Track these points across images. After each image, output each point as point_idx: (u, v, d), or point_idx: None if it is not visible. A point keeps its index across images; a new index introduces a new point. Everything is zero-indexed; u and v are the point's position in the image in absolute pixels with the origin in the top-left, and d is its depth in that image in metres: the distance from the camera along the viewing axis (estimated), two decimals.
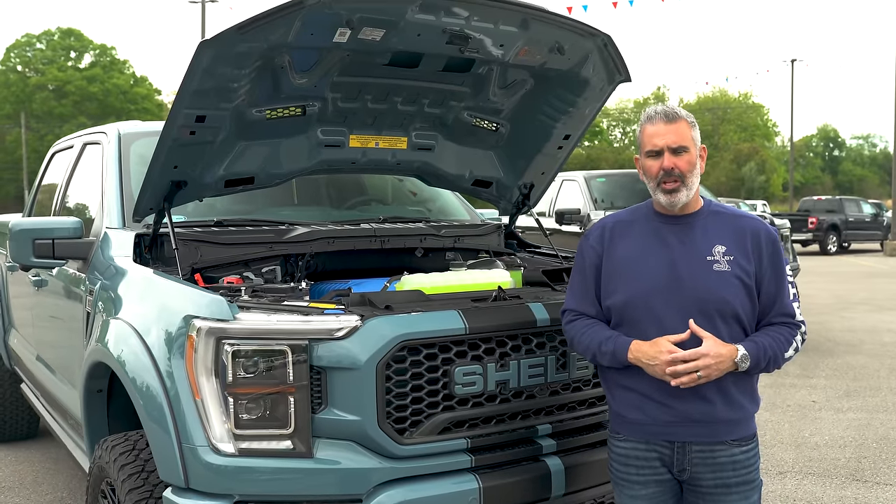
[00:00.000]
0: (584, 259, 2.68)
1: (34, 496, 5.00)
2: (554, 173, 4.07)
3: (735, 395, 2.51)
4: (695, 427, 2.50)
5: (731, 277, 2.48)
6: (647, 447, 2.55)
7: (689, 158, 2.52)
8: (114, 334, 3.00)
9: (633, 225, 2.64)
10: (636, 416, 2.56)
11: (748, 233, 2.55)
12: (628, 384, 2.56)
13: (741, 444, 2.54)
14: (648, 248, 2.56)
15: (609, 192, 10.93)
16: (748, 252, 2.53)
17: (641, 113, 2.63)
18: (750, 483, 2.55)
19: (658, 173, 2.52)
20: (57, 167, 5.23)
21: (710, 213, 2.61)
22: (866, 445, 5.83)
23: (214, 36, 2.76)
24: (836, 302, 13.95)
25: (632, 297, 2.52)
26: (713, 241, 2.53)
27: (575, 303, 2.67)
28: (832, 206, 29.07)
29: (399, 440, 2.57)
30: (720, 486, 2.52)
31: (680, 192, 2.52)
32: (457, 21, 3.01)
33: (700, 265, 2.50)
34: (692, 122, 2.56)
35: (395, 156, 3.79)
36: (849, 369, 8.45)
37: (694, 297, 2.45)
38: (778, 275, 2.55)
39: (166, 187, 3.24)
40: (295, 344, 2.51)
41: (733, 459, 2.52)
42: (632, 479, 2.59)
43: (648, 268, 2.53)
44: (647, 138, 2.55)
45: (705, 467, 2.51)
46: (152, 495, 2.71)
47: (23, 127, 51.11)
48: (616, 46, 3.34)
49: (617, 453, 2.63)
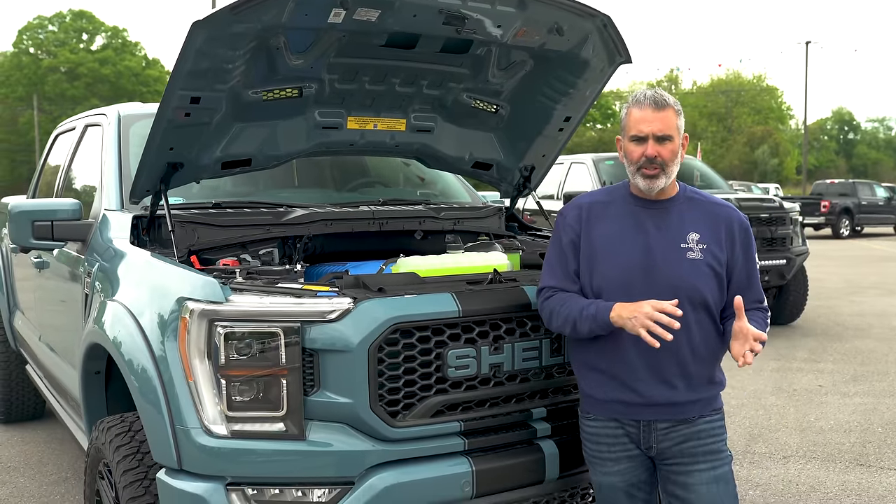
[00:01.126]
0: (560, 237, 2.69)
1: (39, 476, 5.04)
2: (555, 155, 4.04)
3: (697, 380, 2.58)
4: (658, 409, 2.57)
5: (703, 266, 2.54)
6: (616, 425, 2.62)
7: (673, 147, 2.55)
8: (110, 316, 3.00)
9: (610, 206, 2.66)
10: (601, 396, 2.61)
11: (722, 221, 2.61)
12: (596, 365, 2.61)
13: (704, 415, 2.60)
14: (625, 232, 2.59)
15: (617, 175, 10.88)
16: (721, 241, 2.58)
17: (629, 96, 2.62)
18: (716, 453, 2.60)
19: (640, 159, 2.55)
20: (60, 149, 5.24)
21: (686, 199, 2.65)
22: (872, 430, 5.80)
23: (207, 16, 2.74)
24: (846, 286, 13.87)
25: (608, 279, 2.56)
26: (688, 229, 2.57)
27: (554, 280, 2.68)
28: (845, 190, 28.84)
29: (391, 423, 2.57)
30: (686, 456, 2.58)
31: (659, 179, 2.55)
32: (453, 1, 2.97)
33: (674, 252, 2.54)
34: (679, 110, 2.58)
35: (394, 138, 3.77)
36: (857, 353, 8.40)
37: (666, 284, 2.50)
38: (749, 263, 2.63)
39: (162, 169, 3.23)
40: (287, 326, 2.50)
41: (697, 429, 2.58)
42: (604, 457, 2.65)
43: (625, 251, 2.57)
44: (634, 123, 2.56)
45: (669, 441, 2.58)
46: (147, 476, 2.73)
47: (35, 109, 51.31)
48: (616, 27, 3.30)
49: (588, 432, 2.69)
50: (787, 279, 9.36)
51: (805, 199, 27.52)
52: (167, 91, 2.96)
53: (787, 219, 9.48)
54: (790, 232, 9.44)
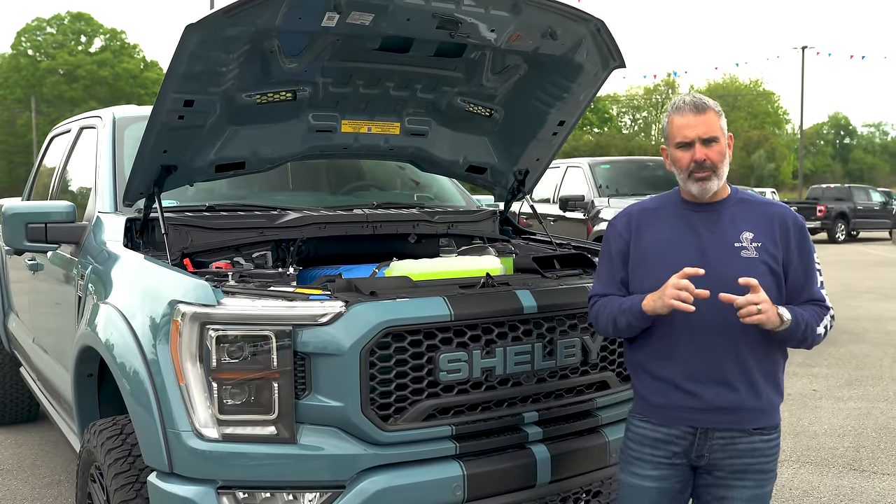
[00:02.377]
0: (610, 246, 2.68)
1: (32, 479, 5.04)
2: (549, 160, 4.05)
3: (760, 383, 2.51)
4: (719, 414, 2.49)
5: (759, 264, 2.49)
6: (667, 431, 2.55)
7: (720, 148, 2.52)
8: (102, 319, 3.00)
9: (659, 212, 2.64)
10: (660, 401, 2.55)
11: (776, 219, 2.56)
12: (654, 371, 2.56)
13: (763, 433, 2.53)
14: (677, 236, 2.56)
15: (613, 179, 10.88)
16: (776, 238, 2.53)
17: (668, 104, 2.62)
18: (766, 473, 2.55)
19: (689, 164, 2.52)
20: (55, 151, 5.24)
21: (738, 201, 2.61)
22: (865, 435, 5.81)
23: (201, 19, 2.74)
24: (841, 290, 13.88)
25: (662, 283, 2.46)
26: (741, 228, 2.53)
27: (600, 288, 2.67)
28: (841, 195, 28.90)
29: (383, 426, 2.57)
30: (736, 473, 2.51)
31: (711, 181, 2.52)
32: (446, 5, 2.98)
33: (728, 252, 2.50)
34: (720, 111, 2.56)
35: (388, 141, 3.77)
36: (851, 358, 8.42)
37: (723, 284, 2.41)
38: (806, 261, 2.56)
39: (156, 172, 3.23)
40: (279, 329, 2.50)
41: (753, 447, 2.51)
42: (644, 459, 2.58)
43: (678, 255, 2.51)
44: (677, 129, 2.53)
45: (724, 453, 2.51)
46: (138, 479, 2.72)
47: (33, 111, 51.28)
48: (609, 32, 3.31)
49: (635, 433, 2.62)
50: None
51: (801, 204, 27.56)
52: (161, 94, 2.96)
53: None
54: None
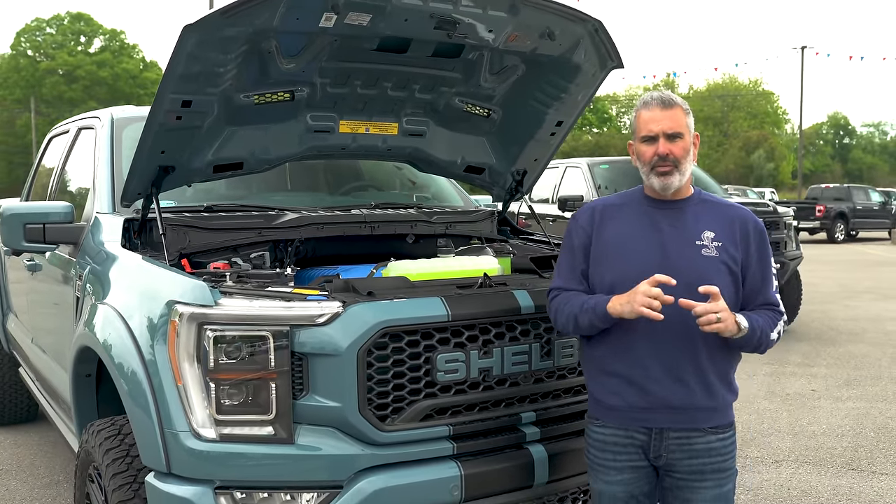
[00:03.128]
0: (572, 239, 2.69)
1: (31, 479, 5.04)
2: (547, 160, 4.04)
3: (714, 383, 2.53)
4: (673, 413, 2.51)
5: (719, 263, 2.52)
6: (625, 433, 2.56)
7: (684, 145, 2.55)
8: (100, 319, 3.00)
9: (624, 208, 2.66)
10: (614, 402, 2.57)
11: (737, 222, 2.59)
12: (608, 368, 2.57)
13: (718, 431, 2.56)
14: (639, 231, 2.58)
15: (612, 179, 10.87)
16: (736, 240, 2.56)
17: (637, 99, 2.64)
18: (725, 471, 2.57)
19: (652, 158, 2.55)
20: (53, 151, 5.24)
21: (701, 201, 2.64)
22: (864, 434, 5.81)
23: (198, 20, 2.73)
24: (840, 290, 13.90)
25: (622, 277, 2.51)
26: (703, 227, 2.56)
27: (562, 281, 2.67)
28: (840, 195, 28.91)
29: (380, 427, 2.57)
30: (695, 473, 2.53)
31: (673, 176, 2.54)
32: (444, 6, 2.98)
33: (689, 249, 2.52)
34: (687, 109, 2.59)
35: (386, 141, 3.77)
36: (850, 358, 8.42)
37: (682, 280, 2.43)
38: (764, 265, 2.59)
39: (154, 172, 3.23)
40: (276, 330, 2.50)
41: (709, 447, 2.54)
42: (608, 465, 2.60)
43: (639, 250, 2.54)
44: (643, 124, 2.57)
45: (682, 454, 2.53)
46: (136, 480, 2.72)
47: (32, 111, 51.29)
48: (607, 32, 3.31)
49: (595, 439, 2.64)
50: (780, 283, 9.37)
51: (800, 204, 27.55)
52: (158, 94, 2.96)
53: (781, 223, 9.48)
54: (783, 236, 9.45)
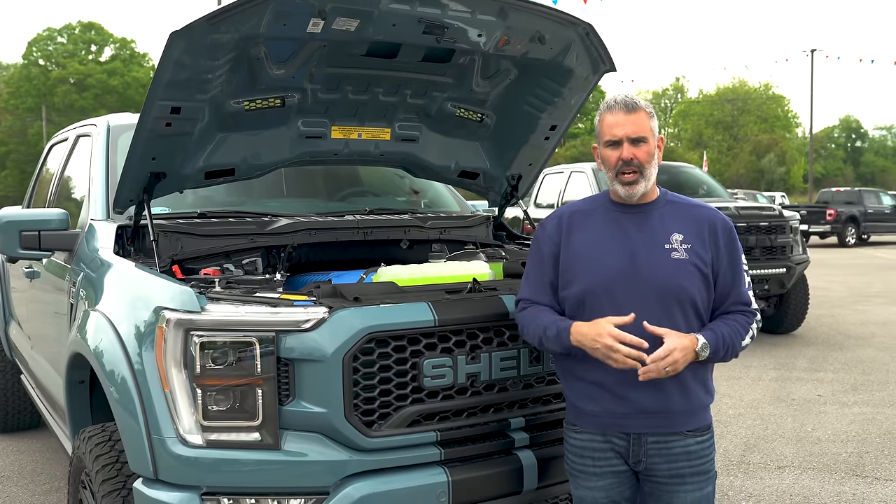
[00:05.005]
0: (540, 248, 2.67)
1: (32, 486, 5.05)
2: (542, 164, 4.04)
3: (691, 385, 2.52)
4: (650, 418, 2.50)
5: (689, 265, 2.50)
6: (603, 439, 2.55)
7: (648, 149, 2.53)
8: (91, 326, 3.00)
9: (591, 215, 2.64)
10: (591, 408, 2.55)
11: (705, 222, 2.58)
12: (583, 375, 2.55)
13: (696, 434, 2.54)
14: (607, 237, 2.56)
15: None
16: (705, 241, 2.55)
17: (601, 102, 2.62)
18: (704, 474, 2.55)
19: (617, 163, 2.53)
20: (54, 159, 5.27)
21: (667, 203, 2.63)
22: (869, 440, 5.76)
23: (185, 27, 2.74)
24: (850, 295, 13.80)
25: (591, 285, 2.50)
26: (671, 230, 2.54)
27: (529, 292, 2.66)
28: (851, 198, 28.71)
29: (367, 433, 2.56)
30: (675, 477, 2.52)
31: (638, 184, 2.53)
32: (432, 10, 2.98)
33: (658, 253, 2.51)
34: (651, 112, 2.57)
35: (379, 147, 3.77)
36: (858, 363, 8.35)
37: (652, 285, 2.45)
38: (734, 264, 2.58)
39: (145, 179, 3.23)
40: (262, 335, 2.50)
41: (688, 450, 2.52)
42: (588, 471, 2.58)
43: (608, 256, 2.53)
44: (607, 128, 2.55)
45: (660, 458, 2.51)
46: (125, 486, 2.72)
47: (44, 120, 51.66)
48: (599, 36, 3.30)
49: (574, 445, 2.62)
50: (787, 288, 9.29)
51: (811, 208, 27.43)
52: (147, 101, 2.97)
53: (787, 227, 9.40)
54: (790, 240, 9.36)
